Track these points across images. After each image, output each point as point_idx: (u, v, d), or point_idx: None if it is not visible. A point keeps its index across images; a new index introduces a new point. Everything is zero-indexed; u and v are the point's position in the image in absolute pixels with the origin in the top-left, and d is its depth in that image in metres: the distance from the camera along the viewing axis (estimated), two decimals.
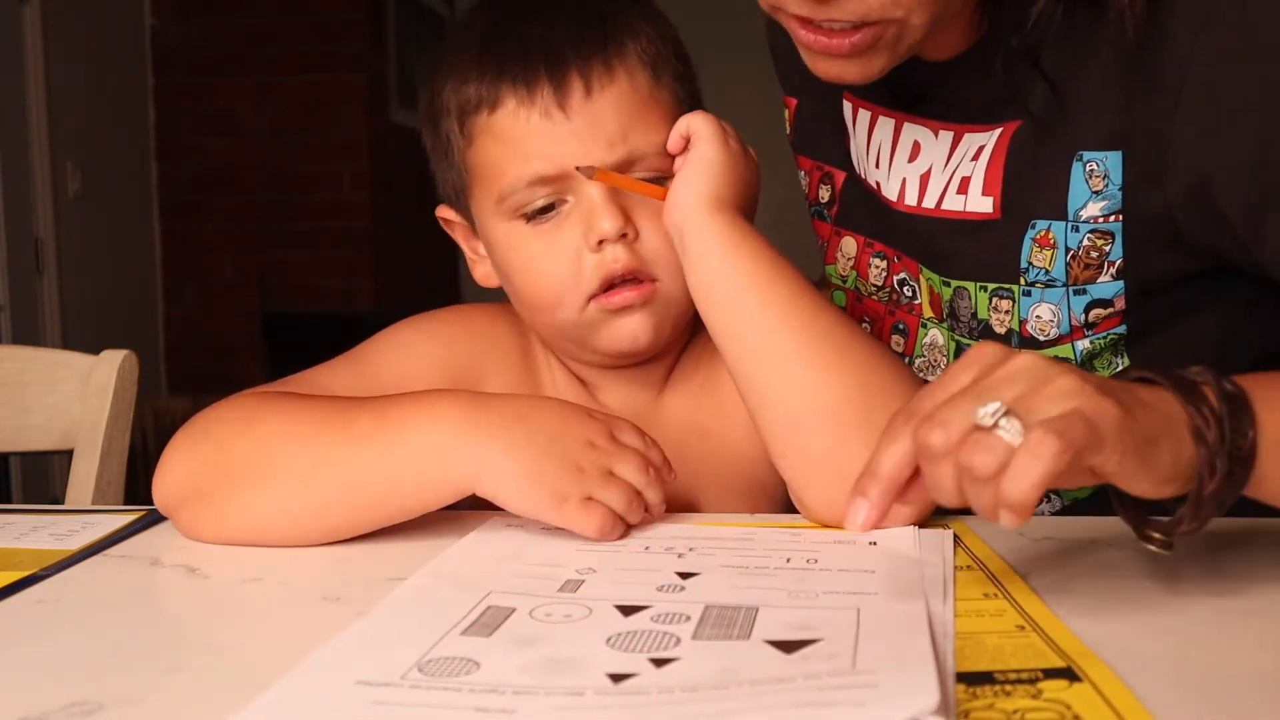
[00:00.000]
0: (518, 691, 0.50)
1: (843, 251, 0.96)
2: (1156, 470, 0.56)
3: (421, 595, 0.65)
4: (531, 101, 0.84)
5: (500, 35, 0.86)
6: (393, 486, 0.75)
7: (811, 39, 0.73)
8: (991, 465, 0.52)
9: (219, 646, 0.61)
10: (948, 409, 0.54)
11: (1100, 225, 0.78)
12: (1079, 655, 0.55)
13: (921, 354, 0.91)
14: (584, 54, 0.84)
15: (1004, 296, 0.83)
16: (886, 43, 0.72)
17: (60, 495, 1.44)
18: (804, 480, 0.80)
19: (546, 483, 0.73)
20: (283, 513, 0.76)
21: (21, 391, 1.19)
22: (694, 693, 0.49)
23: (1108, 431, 0.53)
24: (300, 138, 4.65)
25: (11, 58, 3.74)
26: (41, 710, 0.51)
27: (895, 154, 0.88)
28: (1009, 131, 0.81)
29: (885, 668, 0.50)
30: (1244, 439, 0.58)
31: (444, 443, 0.74)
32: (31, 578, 0.71)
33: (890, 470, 0.53)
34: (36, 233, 3.86)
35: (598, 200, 0.84)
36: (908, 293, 0.91)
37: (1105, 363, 0.83)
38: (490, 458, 0.74)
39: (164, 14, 4.61)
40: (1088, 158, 0.77)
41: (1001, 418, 0.52)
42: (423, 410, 0.76)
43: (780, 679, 0.50)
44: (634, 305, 0.86)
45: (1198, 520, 0.58)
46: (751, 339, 0.81)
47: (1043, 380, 0.55)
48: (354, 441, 0.76)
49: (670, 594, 0.64)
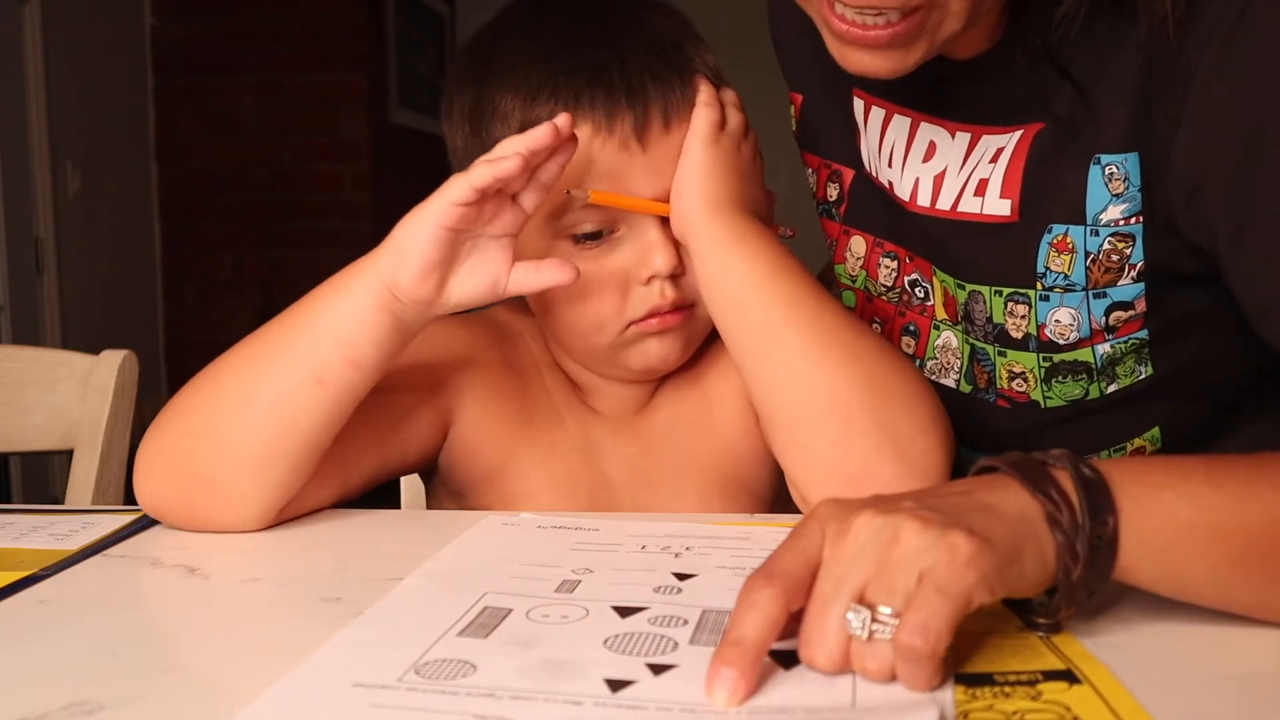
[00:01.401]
0: (515, 696, 0.50)
1: (851, 251, 0.95)
2: (1024, 581, 0.55)
3: (417, 596, 0.65)
4: (610, 132, 0.84)
5: (572, 58, 0.85)
6: (318, 313, 0.80)
7: (845, 29, 0.71)
8: (885, 670, 0.52)
9: (218, 647, 0.61)
10: (817, 625, 0.53)
11: (1121, 229, 0.77)
12: (1078, 657, 0.55)
13: (934, 356, 0.90)
14: (662, 87, 0.85)
15: (1020, 301, 0.82)
16: (927, 32, 0.71)
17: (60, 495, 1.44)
18: (806, 476, 0.80)
19: (431, 198, 0.77)
20: (252, 421, 0.78)
21: (21, 391, 1.19)
22: (693, 714, 0.49)
23: (970, 585, 0.52)
24: (300, 138, 4.65)
25: (11, 58, 3.73)
26: (41, 710, 0.51)
27: (910, 153, 0.86)
28: (1030, 133, 0.79)
29: (885, 707, 0.50)
30: (1103, 526, 0.56)
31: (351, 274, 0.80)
32: (31, 578, 0.71)
33: (755, 638, 0.52)
34: (36, 233, 3.86)
35: (655, 237, 0.85)
36: (919, 293, 0.90)
37: (1128, 369, 0.81)
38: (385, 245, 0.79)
39: (164, 14, 4.61)
40: (1106, 160, 0.76)
41: (872, 624, 0.52)
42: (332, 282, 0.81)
43: (781, 709, 0.50)
44: (672, 328, 0.88)
45: (1074, 604, 0.57)
46: (756, 337, 0.81)
47: (888, 544, 0.53)
48: (279, 325, 0.81)
49: (667, 596, 0.64)
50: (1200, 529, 0.58)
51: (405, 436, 0.89)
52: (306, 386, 0.78)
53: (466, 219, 0.77)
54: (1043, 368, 0.82)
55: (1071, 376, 0.82)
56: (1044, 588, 0.57)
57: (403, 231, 0.79)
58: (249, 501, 0.79)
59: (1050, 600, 0.57)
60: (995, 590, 0.53)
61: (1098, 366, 0.81)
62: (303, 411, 0.78)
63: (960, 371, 0.88)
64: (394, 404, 0.88)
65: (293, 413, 0.78)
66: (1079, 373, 0.82)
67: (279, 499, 0.80)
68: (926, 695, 0.51)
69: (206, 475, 0.79)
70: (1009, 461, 0.59)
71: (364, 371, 0.80)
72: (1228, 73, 0.69)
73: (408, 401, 0.89)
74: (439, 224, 0.77)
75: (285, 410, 0.78)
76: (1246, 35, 0.69)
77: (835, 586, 0.53)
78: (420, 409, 0.90)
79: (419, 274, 0.78)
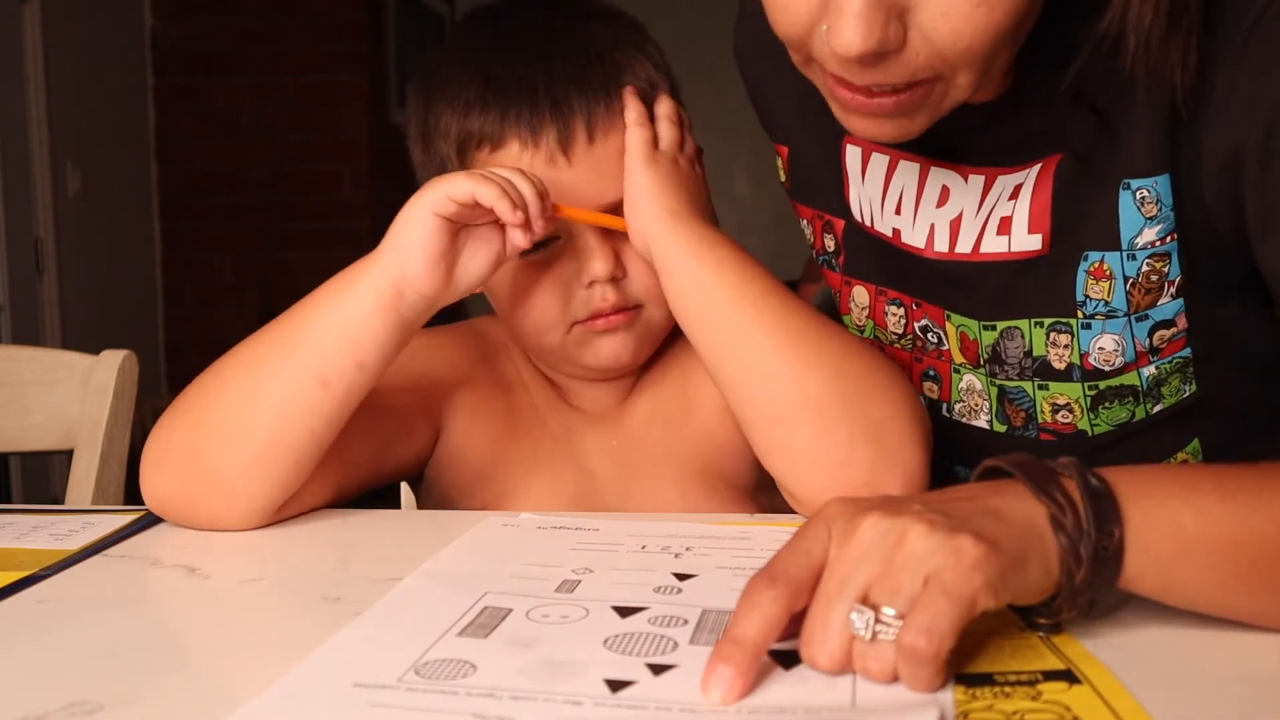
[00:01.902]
0: (515, 696, 0.50)
1: (855, 301, 0.94)
2: (1029, 587, 0.55)
3: (417, 596, 0.65)
4: (536, 146, 0.86)
5: (503, 73, 0.87)
6: (324, 313, 0.81)
7: (850, 97, 0.70)
8: (887, 671, 0.52)
9: (218, 646, 0.61)
10: (820, 624, 0.53)
11: (1158, 249, 0.76)
12: (1078, 657, 0.55)
13: (960, 399, 0.89)
14: (587, 98, 0.86)
15: (1062, 330, 0.81)
16: (932, 102, 0.70)
17: (60, 495, 1.44)
18: (792, 474, 0.81)
19: (424, 191, 0.79)
20: (257, 418, 0.79)
21: (21, 391, 1.19)
22: (692, 714, 0.49)
23: (975, 589, 0.52)
24: (300, 138, 4.65)
25: (11, 58, 3.73)
26: (41, 710, 0.51)
27: (921, 200, 0.85)
28: (1049, 166, 0.78)
29: (885, 707, 0.50)
30: (1109, 537, 0.56)
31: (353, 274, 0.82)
32: (31, 578, 0.71)
33: (755, 637, 0.52)
34: (36, 233, 3.86)
35: (593, 243, 0.87)
36: (932, 339, 0.89)
37: (1173, 389, 0.81)
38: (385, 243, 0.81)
39: (164, 14, 4.61)
40: (1136, 185, 0.75)
41: (875, 624, 0.52)
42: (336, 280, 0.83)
43: (781, 708, 0.50)
44: (618, 327, 0.89)
45: (1076, 608, 0.57)
46: (727, 342, 0.82)
47: (894, 546, 0.53)
48: (284, 324, 0.82)
49: (667, 596, 0.64)
50: (1206, 540, 0.58)
51: (402, 440, 0.91)
52: (312, 386, 0.79)
53: (464, 212, 0.79)
54: (1088, 396, 0.82)
55: (1118, 401, 0.82)
56: (1048, 594, 0.57)
57: (403, 226, 0.80)
58: (251, 498, 0.80)
59: (1053, 603, 0.57)
60: (1000, 595, 0.53)
61: (1143, 389, 0.81)
62: (308, 411, 0.79)
63: (990, 413, 0.87)
64: (391, 408, 0.89)
65: (298, 412, 0.79)
66: (1125, 397, 0.81)
67: (280, 495, 0.81)
68: (927, 696, 0.51)
69: (211, 472, 0.80)
70: (1016, 463, 0.59)
71: (367, 372, 0.81)
72: (1252, 74, 0.68)
73: (404, 406, 0.91)
74: (437, 213, 0.79)
75: (291, 410, 0.79)
76: (1263, 37, 0.68)
77: (840, 586, 0.53)
78: (415, 414, 0.92)
79: (427, 265, 0.79)
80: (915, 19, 0.64)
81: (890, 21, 0.64)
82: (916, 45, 0.65)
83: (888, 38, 0.64)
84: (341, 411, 0.81)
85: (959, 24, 0.64)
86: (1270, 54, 0.68)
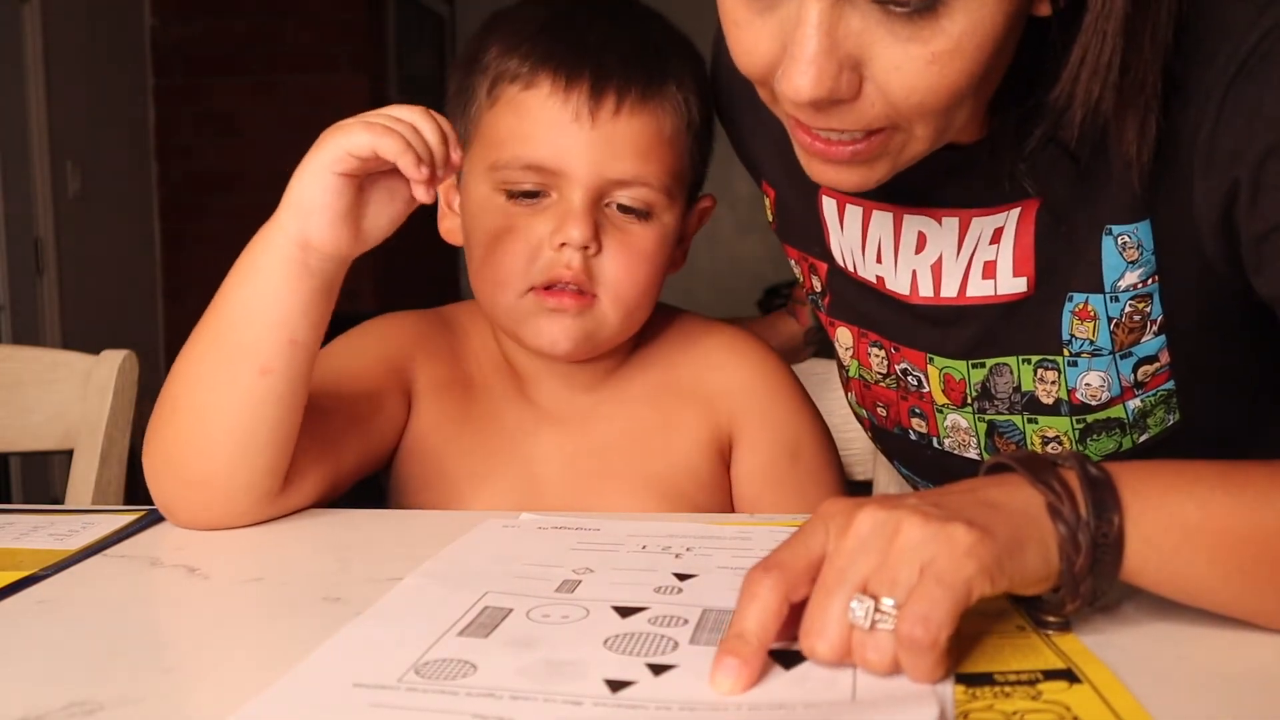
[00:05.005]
0: (515, 696, 0.50)
1: (839, 341, 0.95)
2: (1027, 574, 0.55)
3: (417, 596, 0.65)
4: (566, 97, 0.86)
5: (562, 26, 0.89)
6: (242, 301, 0.80)
7: (809, 142, 0.70)
8: (886, 662, 0.52)
9: (219, 646, 0.61)
10: (819, 613, 0.53)
11: (1139, 290, 0.76)
12: (1079, 656, 0.55)
13: (947, 435, 0.89)
14: (628, 76, 0.87)
15: (1049, 367, 0.81)
16: (890, 153, 0.69)
17: (60, 495, 1.44)
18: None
19: (321, 146, 0.77)
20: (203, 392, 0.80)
21: (21, 391, 1.19)
22: (692, 712, 0.49)
23: (969, 576, 0.52)
24: (300, 138, 4.62)
25: (11, 58, 3.73)
26: (41, 710, 0.51)
27: (900, 247, 0.85)
28: (1029, 211, 0.78)
29: (885, 701, 0.50)
30: (1109, 524, 0.56)
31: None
32: (31, 578, 0.71)
33: (757, 628, 0.53)
34: (36, 233, 3.85)
35: (577, 207, 0.87)
36: (913, 382, 0.89)
37: (1158, 420, 0.81)
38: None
39: (164, 14, 4.61)
40: (1118, 231, 0.75)
41: (874, 614, 0.52)
42: None
43: (780, 704, 0.50)
44: (567, 310, 0.88)
45: (1079, 598, 0.56)
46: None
47: (889, 537, 0.53)
48: (211, 323, 0.81)
49: (668, 596, 0.64)
50: (1209, 532, 0.58)
51: (381, 418, 0.92)
52: (256, 378, 0.79)
53: (366, 165, 0.77)
54: (1076, 429, 0.82)
55: (1105, 433, 0.82)
56: (1049, 583, 0.57)
57: (301, 187, 0.78)
58: (246, 493, 0.81)
59: (1056, 594, 0.57)
60: (996, 581, 0.53)
61: (1129, 421, 0.81)
62: (262, 401, 0.79)
63: (979, 446, 0.88)
64: (365, 389, 0.91)
65: (253, 405, 0.79)
66: (1112, 429, 0.82)
67: (273, 482, 0.81)
68: (927, 689, 0.51)
69: (200, 480, 0.80)
70: (1016, 458, 0.59)
71: (303, 345, 0.80)
72: (1236, 119, 0.68)
73: (377, 384, 0.92)
74: (337, 172, 0.77)
75: (245, 405, 0.79)
76: (1243, 85, 0.67)
77: (838, 577, 0.54)
78: (389, 391, 0.93)
79: (331, 227, 0.78)
80: (870, 71, 0.64)
81: (844, 71, 0.64)
82: (871, 96, 0.65)
83: (838, 86, 0.64)
84: (296, 388, 0.80)
85: (912, 79, 0.64)
86: (1255, 97, 0.67)
